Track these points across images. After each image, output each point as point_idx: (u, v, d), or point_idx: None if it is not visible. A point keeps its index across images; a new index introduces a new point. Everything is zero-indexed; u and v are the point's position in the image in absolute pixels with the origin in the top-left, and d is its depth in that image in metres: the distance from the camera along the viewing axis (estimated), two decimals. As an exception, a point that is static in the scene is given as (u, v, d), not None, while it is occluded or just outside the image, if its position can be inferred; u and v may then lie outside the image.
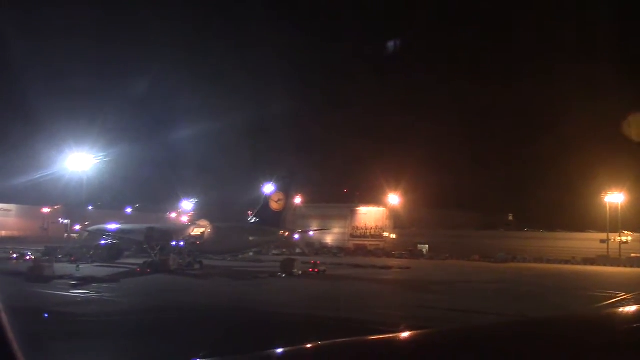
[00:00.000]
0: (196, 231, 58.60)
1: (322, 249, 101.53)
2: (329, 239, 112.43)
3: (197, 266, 53.96)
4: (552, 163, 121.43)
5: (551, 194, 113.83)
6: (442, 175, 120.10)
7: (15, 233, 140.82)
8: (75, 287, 38.04)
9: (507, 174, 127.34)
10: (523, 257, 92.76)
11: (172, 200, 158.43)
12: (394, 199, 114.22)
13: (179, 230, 58.99)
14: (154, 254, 53.55)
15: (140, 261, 55.60)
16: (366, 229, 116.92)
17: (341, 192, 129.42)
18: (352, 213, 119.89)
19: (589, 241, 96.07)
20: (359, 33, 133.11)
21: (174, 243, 54.87)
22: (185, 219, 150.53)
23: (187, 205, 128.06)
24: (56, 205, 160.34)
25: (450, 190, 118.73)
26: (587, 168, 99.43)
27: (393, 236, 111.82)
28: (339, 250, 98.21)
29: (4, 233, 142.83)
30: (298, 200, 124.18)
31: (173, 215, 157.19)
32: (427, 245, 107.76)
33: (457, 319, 24.53)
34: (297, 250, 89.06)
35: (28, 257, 62.90)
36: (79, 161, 70.94)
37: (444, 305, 31.04)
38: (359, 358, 3.14)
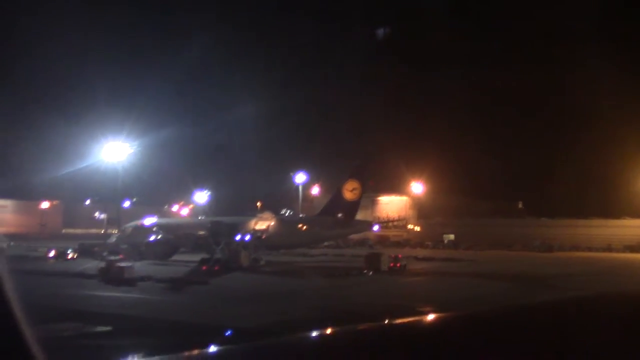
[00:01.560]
0: (260, 224, 54.47)
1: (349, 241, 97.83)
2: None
3: (262, 262, 50.00)
4: (569, 150, 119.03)
5: (566, 181, 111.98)
6: (460, 162, 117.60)
7: (12, 229, 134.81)
8: (173, 291, 33.95)
9: (523, 161, 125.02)
10: (559, 245, 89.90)
11: (176, 193, 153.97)
12: (416, 187, 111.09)
13: (243, 224, 54.58)
14: (219, 249, 49.32)
15: (193, 258, 51.51)
16: (389, 220, 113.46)
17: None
18: (373, 203, 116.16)
19: (625, 228, 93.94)
20: (375, 15, 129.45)
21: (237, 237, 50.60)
22: (185, 211, 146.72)
23: (201, 197, 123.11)
24: (54, 200, 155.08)
25: (467, 178, 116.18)
26: (608, 152, 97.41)
27: (417, 228, 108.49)
28: (372, 242, 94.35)
29: (0, 230, 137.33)
30: (316, 190, 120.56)
31: (176, 209, 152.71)
32: (452, 235, 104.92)
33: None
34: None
35: (70, 256, 58.28)
36: (108, 152, 66.55)
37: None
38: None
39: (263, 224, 54.86)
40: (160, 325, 22.01)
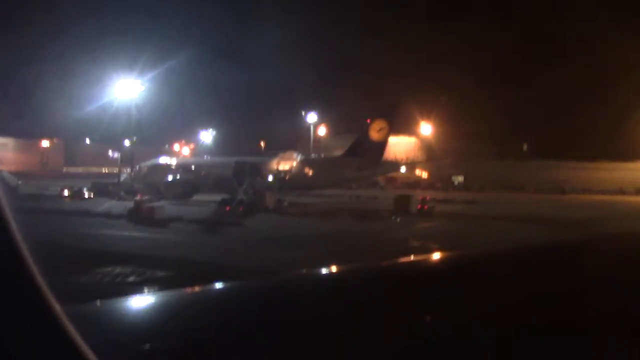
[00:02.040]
0: (283, 165, 53.18)
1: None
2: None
3: (285, 203, 48.97)
4: (577, 92, 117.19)
5: (574, 123, 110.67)
6: (468, 104, 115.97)
7: (13, 168, 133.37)
8: (209, 233, 32.99)
9: (531, 103, 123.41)
10: (571, 188, 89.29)
11: (177, 133, 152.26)
12: (425, 128, 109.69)
13: (266, 164, 53.24)
14: (242, 190, 48.22)
15: (213, 198, 50.51)
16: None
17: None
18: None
19: (637, 171, 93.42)
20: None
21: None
22: (186, 151, 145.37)
23: (205, 137, 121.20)
24: (55, 138, 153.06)
25: (474, 120, 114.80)
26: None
27: (424, 175, 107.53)
28: (383, 183, 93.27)
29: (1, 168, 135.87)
30: (322, 131, 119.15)
31: (177, 148, 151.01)
32: (461, 177, 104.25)
33: None
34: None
35: (86, 195, 57.17)
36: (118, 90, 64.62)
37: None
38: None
39: (286, 164, 53.54)
40: (219, 269, 21.00)
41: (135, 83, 64.03)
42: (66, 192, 59.37)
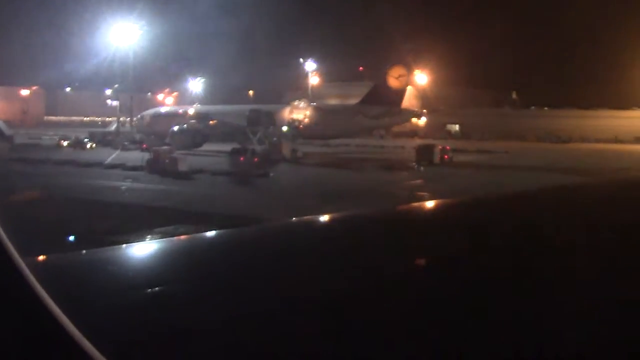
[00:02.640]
0: (296, 113, 51.25)
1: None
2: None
3: (299, 153, 47.29)
4: (569, 40, 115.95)
5: (558, 70, 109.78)
6: (460, 52, 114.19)
7: None
8: (241, 185, 31.45)
9: (523, 50, 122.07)
10: (568, 137, 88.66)
11: (162, 81, 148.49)
12: (420, 77, 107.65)
13: (279, 112, 51.15)
14: (256, 139, 46.50)
15: (220, 148, 48.85)
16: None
17: (356, 70, 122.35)
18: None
19: (632, 119, 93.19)
20: None
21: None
22: (170, 100, 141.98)
23: (195, 85, 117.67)
24: (34, 86, 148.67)
25: (465, 68, 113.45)
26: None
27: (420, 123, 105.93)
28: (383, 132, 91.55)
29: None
30: (315, 80, 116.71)
31: (161, 97, 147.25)
32: (456, 126, 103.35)
33: None
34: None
35: (88, 145, 54.91)
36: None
37: None
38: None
39: (299, 112, 51.59)
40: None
41: (121, 29, 60.87)
42: (65, 142, 56.94)
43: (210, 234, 3.96)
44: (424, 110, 73.54)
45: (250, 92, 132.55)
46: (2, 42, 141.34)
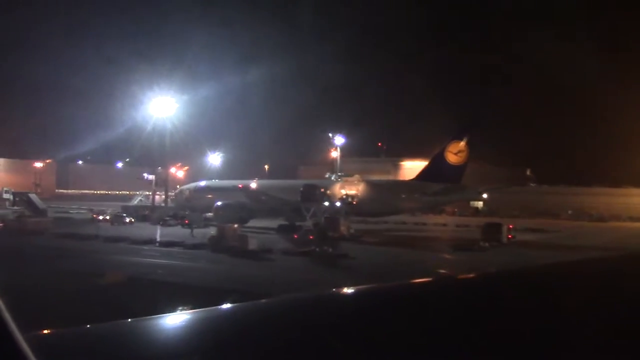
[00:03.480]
0: (348, 189, 49.30)
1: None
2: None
3: (351, 230, 44.99)
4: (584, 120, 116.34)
5: (570, 148, 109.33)
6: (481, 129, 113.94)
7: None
8: (328, 267, 29.00)
9: (542, 128, 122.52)
10: (598, 214, 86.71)
11: (174, 155, 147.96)
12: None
13: (332, 188, 49.16)
14: (309, 216, 44.38)
15: (264, 224, 46.64)
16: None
17: (376, 145, 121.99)
18: (396, 167, 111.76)
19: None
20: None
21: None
22: (181, 174, 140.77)
23: (214, 159, 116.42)
24: (47, 160, 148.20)
25: (485, 145, 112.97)
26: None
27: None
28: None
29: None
30: (335, 154, 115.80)
31: (173, 170, 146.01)
32: (480, 203, 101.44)
33: None
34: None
35: (128, 220, 52.68)
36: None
37: None
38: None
39: (352, 188, 49.65)
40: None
41: (171, 101, 59.84)
42: (101, 217, 54.79)
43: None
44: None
45: (266, 167, 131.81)
46: (15, 115, 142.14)
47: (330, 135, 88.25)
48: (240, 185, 49.31)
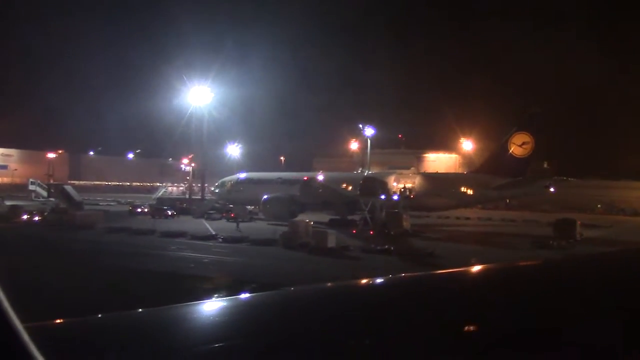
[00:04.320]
0: (404, 181, 47.35)
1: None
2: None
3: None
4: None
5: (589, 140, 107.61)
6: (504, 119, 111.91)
7: (18, 180, 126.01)
8: (410, 263, 27.14)
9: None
10: (631, 208, 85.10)
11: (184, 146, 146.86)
12: (467, 144, 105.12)
13: (389, 181, 47.07)
14: (368, 210, 42.49)
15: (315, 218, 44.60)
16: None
17: (396, 137, 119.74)
18: (419, 160, 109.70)
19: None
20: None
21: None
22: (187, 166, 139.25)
23: (233, 150, 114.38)
24: (59, 150, 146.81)
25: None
26: None
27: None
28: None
29: (5, 180, 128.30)
30: (355, 145, 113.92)
31: (186, 162, 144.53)
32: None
33: None
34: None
35: (170, 213, 50.69)
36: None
37: None
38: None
39: (407, 181, 47.64)
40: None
41: (207, 91, 57.70)
42: (139, 210, 52.87)
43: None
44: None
45: (282, 158, 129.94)
46: (28, 106, 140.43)
47: (360, 126, 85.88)
48: (305, 178, 47.37)
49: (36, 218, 43.82)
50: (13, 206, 47.39)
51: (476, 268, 6.95)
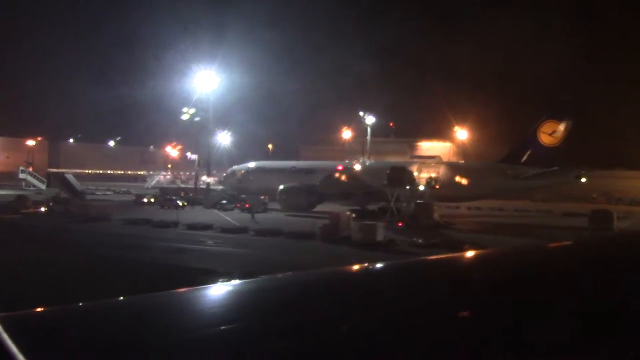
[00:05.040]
0: (428, 171, 45.59)
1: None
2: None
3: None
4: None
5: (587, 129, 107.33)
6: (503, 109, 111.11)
7: None
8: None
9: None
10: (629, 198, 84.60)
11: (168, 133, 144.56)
12: (461, 133, 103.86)
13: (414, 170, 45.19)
14: (394, 201, 40.75)
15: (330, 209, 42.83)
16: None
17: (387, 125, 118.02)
18: (412, 148, 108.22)
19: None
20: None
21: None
22: (175, 153, 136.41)
23: (224, 138, 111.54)
24: (39, 137, 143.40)
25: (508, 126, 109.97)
26: None
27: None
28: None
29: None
30: (348, 134, 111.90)
31: (168, 150, 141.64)
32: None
33: None
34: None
35: (180, 203, 48.30)
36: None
37: None
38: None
39: (430, 170, 45.89)
40: None
41: (212, 76, 55.12)
42: (145, 200, 50.41)
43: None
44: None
45: (270, 146, 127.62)
46: (5, 93, 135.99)
47: (361, 114, 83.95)
48: (340, 167, 45.35)
49: (42, 209, 41.25)
50: (20, 196, 44.57)
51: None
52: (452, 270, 3.91)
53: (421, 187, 42.68)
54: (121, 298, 2.87)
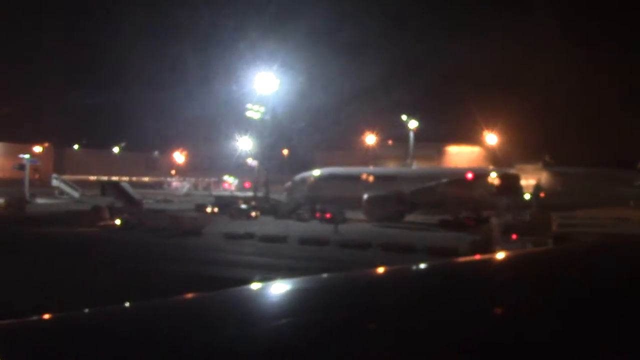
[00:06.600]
0: (525, 178, 42.22)
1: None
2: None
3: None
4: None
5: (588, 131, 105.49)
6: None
7: (0, 174, 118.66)
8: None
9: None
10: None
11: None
12: (490, 138, 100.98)
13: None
14: (504, 210, 37.38)
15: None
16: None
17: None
18: (440, 153, 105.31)
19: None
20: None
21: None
22: (181, 159, 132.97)
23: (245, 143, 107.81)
24: (45, 143, 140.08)
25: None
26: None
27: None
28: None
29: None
30: (372, 139, 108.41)
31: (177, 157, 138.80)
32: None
33: None
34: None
35: (253, 214, 44.55)
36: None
37: None
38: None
39: (531, 177, 42.61)
40: None
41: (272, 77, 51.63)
42: (208, 209, 46.68)
43: None
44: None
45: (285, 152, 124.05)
46: (13, 99, 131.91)
47: (404, 118, 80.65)
48: (471, 175, 41.86)
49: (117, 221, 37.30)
50: (95, 207, 40.48)
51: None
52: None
53: (526, 196, 39.41)
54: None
